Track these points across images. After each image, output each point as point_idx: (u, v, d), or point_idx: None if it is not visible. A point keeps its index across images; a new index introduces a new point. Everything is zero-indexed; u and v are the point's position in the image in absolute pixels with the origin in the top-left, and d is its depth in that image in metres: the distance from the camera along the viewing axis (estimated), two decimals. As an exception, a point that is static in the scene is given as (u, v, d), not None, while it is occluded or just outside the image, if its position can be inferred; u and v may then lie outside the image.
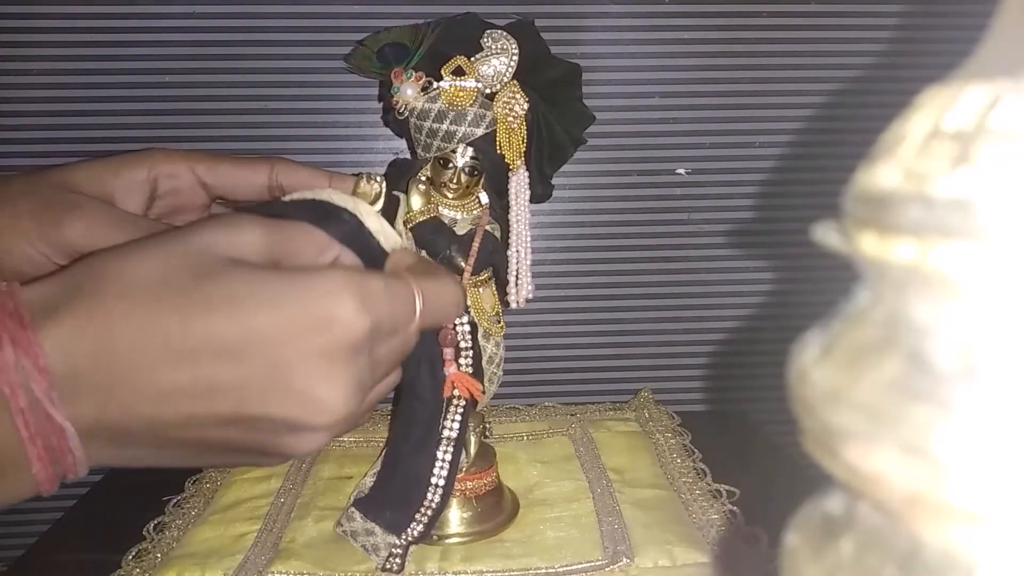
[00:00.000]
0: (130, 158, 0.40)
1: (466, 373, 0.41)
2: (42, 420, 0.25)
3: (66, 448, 0.26)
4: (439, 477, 0.40)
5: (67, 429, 0.26)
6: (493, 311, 0.43)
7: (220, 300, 0.27)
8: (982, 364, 0.11)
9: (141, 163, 0.39)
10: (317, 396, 0.28)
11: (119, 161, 0.39)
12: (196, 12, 0.59)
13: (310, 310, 0.28)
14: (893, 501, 0.12)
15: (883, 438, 0.12)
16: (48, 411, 0.25)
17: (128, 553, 0.42)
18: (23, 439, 0.25)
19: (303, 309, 0.28)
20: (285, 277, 0.29)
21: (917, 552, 0.12)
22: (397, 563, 0.39)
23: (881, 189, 0.13)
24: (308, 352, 0.28)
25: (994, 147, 0.12)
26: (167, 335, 0.27)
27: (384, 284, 0.30)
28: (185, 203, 0.41)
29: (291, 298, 0.28)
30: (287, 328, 0.28)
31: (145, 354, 0.27)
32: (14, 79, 0.58)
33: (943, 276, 0.12)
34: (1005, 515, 0.11)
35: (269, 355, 0.27)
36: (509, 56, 0.39)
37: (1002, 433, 0.11)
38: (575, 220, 0.64)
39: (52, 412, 0.25)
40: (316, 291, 0.28)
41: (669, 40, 0.62)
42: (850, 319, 0.14)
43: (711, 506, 0.46)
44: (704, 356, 0.67)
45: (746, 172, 0.64)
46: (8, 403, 0.25)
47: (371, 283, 0.29)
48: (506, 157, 0.40)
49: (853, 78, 0.62)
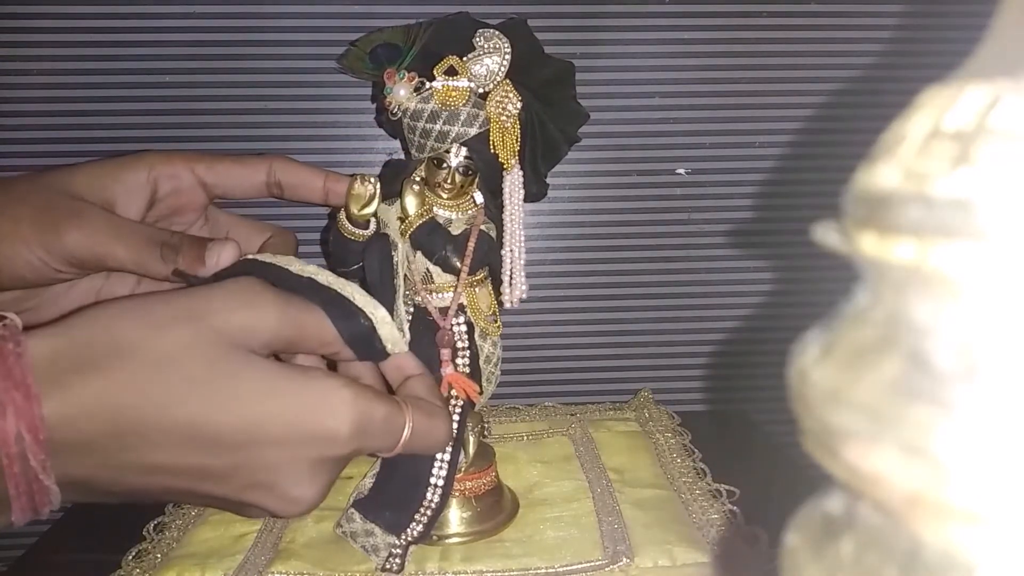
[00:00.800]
0: (129, 161, 0.40)
1: (463, 373, 0.41)
2: (32, 482, 0.26)
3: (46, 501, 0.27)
4: (438, 477, 0.40)
5: (52, 490, 0.27)
6: (490, 311, 0.43)
7: (228, 395, 0.29)
8: (982, 364, 0.11)
9: (140, 166, 0.39)
10: (296, 496, 0.31)
11: (118, 164, 0.39)
12: (196, 12, 0.59)
13: (312, 423, 0.30)
14: (893, 501, 0.12)
15: (883, 438, 0.12)
16: (39, 477, 0.26)
17: (128, 553, 0.42)
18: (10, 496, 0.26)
19: (306, 419, 0.30)
20: (295, 382, 0.30)
21: (917, 552, 0.12)
22: (397, 563, 0.39)
23: (881, 189, 0.13)
24: (299, 459, 0.30)
25: (994, 147, 0.12)
26: (172, 420, 0.28)
27: (384, 416, 0.32)
28: (185, 204, 0.41)
29: (297, 407, 0.30)
30: (286, 434, 0.29)
31: (146, 435, 0.28)
32: (14, 79, 0.58)
33: (943, 276, 0.12)
34: (1005, 515, 0.11)
35: (263, 454, 0.29)
36: (501, 55, 0.39)
37: (1002, 433, 0.11)
38: (575, 220, 0.64)
39: (43, 479, 0.26)
40: (323, 406, 0.30)
41: (669, 40, 0.62)
42: (850, 319, 0.14)
43: (711, 506, 0.46)
44: (704, 356, 0.67)
45: (746, 172, 0.64)
46: (3, 469, 0.26)
47: (374, 412, 0.31)
48: (500, 156, 0.40)
49: (853, 78, 0.62)
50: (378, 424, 0.31)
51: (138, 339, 0.28)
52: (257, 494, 0.30)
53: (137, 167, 0.39)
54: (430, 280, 0.41)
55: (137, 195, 0.39)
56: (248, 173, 0.41)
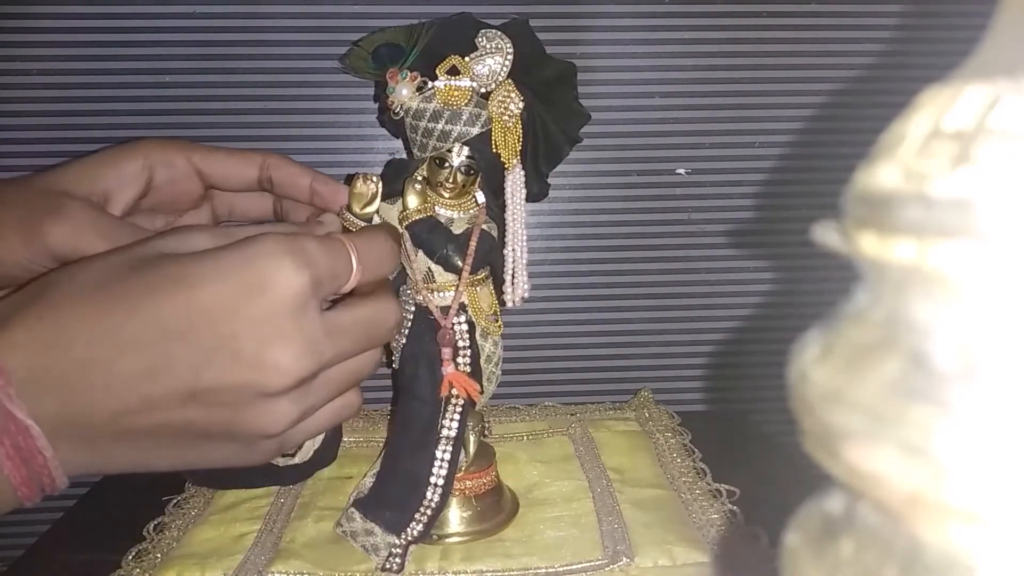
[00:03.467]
0: (124, 149, 0.40)
1: (464, 372, 0.41)
2: (5, 419, 0.26)
3: (34, 448, 0.27)
4: (438, 476, 0.40)
5: (31, 427, 0.26)
6: (491, 310, 0.43)
7: (160, 284, 0.28)
8: (982, 364, 0.11)
9: (136, 153, 0.39)
10: (266, 358, 0.29)
11: (113, 153, 0.39)
12: (196, 12, 0.59)
13: (247, 276, 0.28)
14: (893, 501, 0.12)
15: (883, 438, 0.12)
16: (9, 408, 0.26)
17: (128, 553, 0.42)
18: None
19: (240, 277, 0.28)
20: (219, 252, 0.29)
21: (917, 552, 0.12)
22: (397, 563, 0.39)
23: (881, 189, 0.13)
24: (252, 317, 0.28)
25: (994, 147, 0.12)
26: (115, 325, 0.27)
27: (317, 241, 0.31)
28: (180, 193, 0.41)
29: (227, 268, 0.29)
30: (228, 297, 0.28)
31: (98, 346, 0.27)
32: (14, 79, 0.58)
33: (943, 276, 0.12)
34: (1005, 515, 0.11)
35: (215, 326, 0.28)
36: (504, 55, 0.39)
37: (1002, 433, 0.11)
38: (575, 220, 0.64)
39: (13, 409, 0.26)
40: (250, 258, 0.29)
41: (669, 40, 0.61)
42: (850, 319, 0.14)
43: (711, 506, 0.46)
44: (704, 356, 0.67)
45: (746, 172, 0.64)
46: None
47: (303, 241, 0.30)
48: (502, 156, 0.40)
49: (853, 78, 0.62)
50: (315, 250, 0.30)
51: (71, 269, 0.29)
52: (229, 370, 0.28)
53: (132, 155, 0.39)
54: (431, 279, 0.41)
55: (132, 184, 0.39)
56: (242, 166, 0.41)
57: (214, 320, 0.28)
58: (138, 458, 0.30)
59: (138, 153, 0.39)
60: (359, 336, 0.33)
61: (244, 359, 0.28)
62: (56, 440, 0.27)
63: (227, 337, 0.28)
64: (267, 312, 0.28)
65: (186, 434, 0.30)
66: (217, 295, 0.28)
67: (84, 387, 0.27)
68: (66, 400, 0.27)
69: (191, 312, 0.28)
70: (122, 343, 0.27)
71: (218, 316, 0.28)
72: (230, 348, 0.28)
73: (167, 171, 0.40)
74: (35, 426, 0.26)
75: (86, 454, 0.29)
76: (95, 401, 0.27)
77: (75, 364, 0.27)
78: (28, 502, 0.28)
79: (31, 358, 0.27)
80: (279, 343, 0.29)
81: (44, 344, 0.27)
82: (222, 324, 0.28)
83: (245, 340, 0.28)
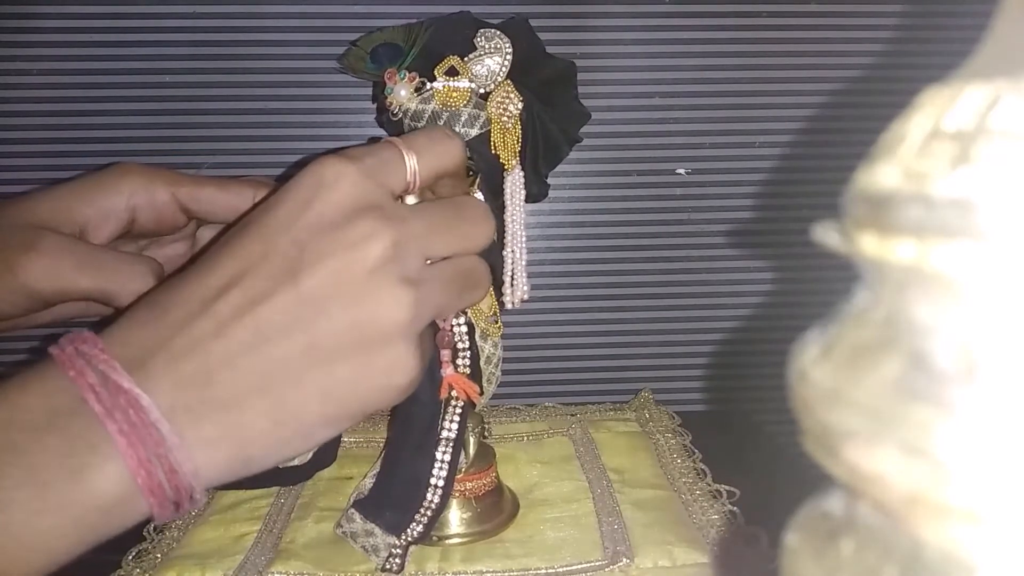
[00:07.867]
0: (104, 180, 0.37)
1: (464, 374, 0.41)
2: (115, 393, 0.24)
3: (148, 423, 0.24)
4: (438, 478, 0.40)
5: (140, 396, 0.25)
6: (490, 311, 0.43)
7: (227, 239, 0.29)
8: (982, 364, 0.11)
9: (119, 187, 0.37)
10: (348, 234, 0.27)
11: (92, 184, 0.37)
12: (196, 12, 0.59)
13: (300, 191, 0.28)
14: (893, 501, 0.12)
15: (883, 438, 0.12)
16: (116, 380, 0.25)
17: (128, 553, 0.42)
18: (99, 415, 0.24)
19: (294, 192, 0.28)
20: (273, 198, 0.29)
21: (917, 552, 0.12)
22: (397, 563, 0.39)
23: (881, 189, 0.13)
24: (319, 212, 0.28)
25: (994, 147, 0.12)
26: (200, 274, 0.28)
27: (365, 149, 0.30)
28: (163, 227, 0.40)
29: (283, 192, 0.29)
30: (293, 209, 0.28)
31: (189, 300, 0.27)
32: (14, 79, 0.58)
33: (943, 276, 0.12)
34: (1005, 515, 0.11)
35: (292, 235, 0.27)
36: (503, 55, 0.39)
37: (1002, 433, 0.11)
38: (575, 220, 0.64)
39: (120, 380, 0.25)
40: (299, 180, 0.29)
41: (669, 40, 0.62)
42: (850, 319, 0.14)
43: (711, 506, 0.46)
44: (704, 356, 0.67)
45: (746, 172, 0.64)
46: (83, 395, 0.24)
47: (348, 150, 0.30)
48: (501, 157, 0.40)
49: (853, 78, 0.62)
50: (360, 151, 0.30)
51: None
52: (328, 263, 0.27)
53: (115, 189, 0.37)
54: (430, 280, 0.41)
55: (112, 220, 0.37)
56: (232, 200, 0.40)
57: (290, 230, 0.27)
58: (271, 409, 0.27)
59: (122, 187, 0.37)
60: (442, 213, 0.31)
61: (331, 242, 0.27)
62: (174, 415, 0.25)
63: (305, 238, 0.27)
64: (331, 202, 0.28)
65: (310, 353, 0.27)
66: (284, 212, 0.28)
67: (188, 342, 0.26)
68: (176, 364, 0.26)
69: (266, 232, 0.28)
70: (212, 287, 0.27)
71: (290, 226, 0.28)
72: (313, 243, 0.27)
73: (150, 209, 0.38)
74: (144, 395, 0.25)
75: (213, 427, 0.26)
76: (209, 351, 0.26)
77: (175, 326, 0.26)
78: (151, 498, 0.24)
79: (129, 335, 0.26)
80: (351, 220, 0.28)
81: (139, 321, 0.27)
82: (297, 230, 0.27)
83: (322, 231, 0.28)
